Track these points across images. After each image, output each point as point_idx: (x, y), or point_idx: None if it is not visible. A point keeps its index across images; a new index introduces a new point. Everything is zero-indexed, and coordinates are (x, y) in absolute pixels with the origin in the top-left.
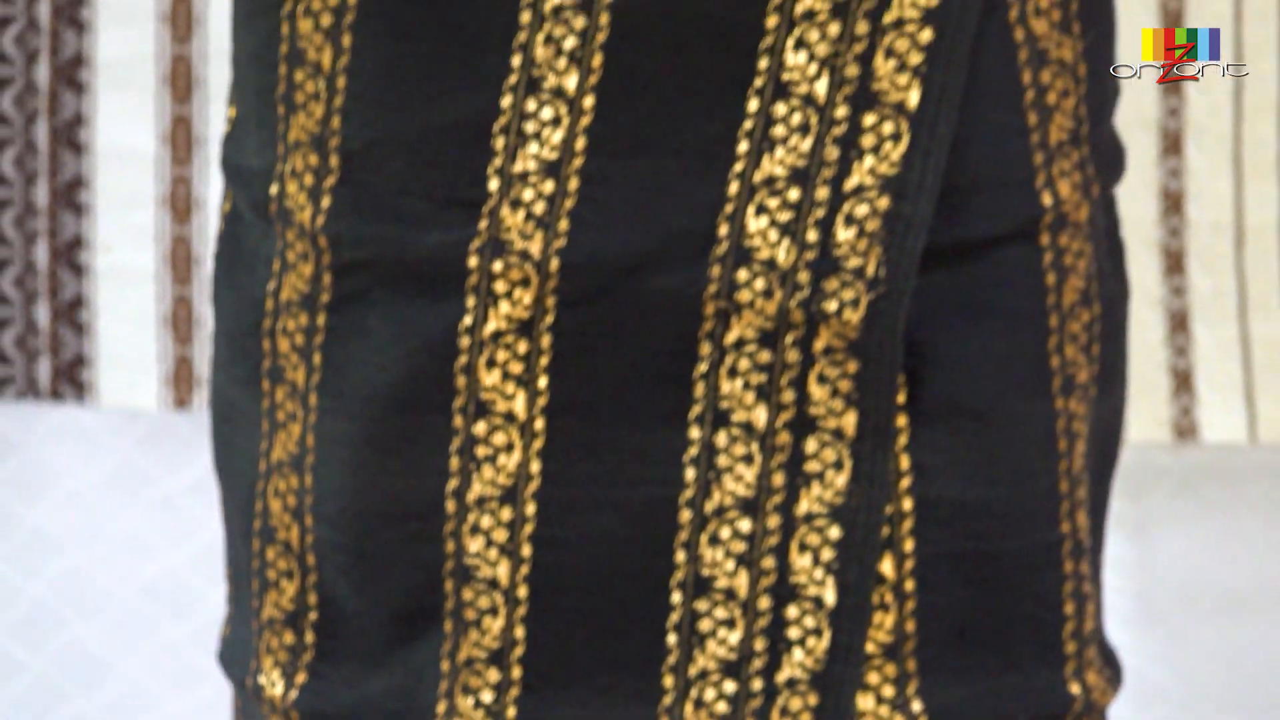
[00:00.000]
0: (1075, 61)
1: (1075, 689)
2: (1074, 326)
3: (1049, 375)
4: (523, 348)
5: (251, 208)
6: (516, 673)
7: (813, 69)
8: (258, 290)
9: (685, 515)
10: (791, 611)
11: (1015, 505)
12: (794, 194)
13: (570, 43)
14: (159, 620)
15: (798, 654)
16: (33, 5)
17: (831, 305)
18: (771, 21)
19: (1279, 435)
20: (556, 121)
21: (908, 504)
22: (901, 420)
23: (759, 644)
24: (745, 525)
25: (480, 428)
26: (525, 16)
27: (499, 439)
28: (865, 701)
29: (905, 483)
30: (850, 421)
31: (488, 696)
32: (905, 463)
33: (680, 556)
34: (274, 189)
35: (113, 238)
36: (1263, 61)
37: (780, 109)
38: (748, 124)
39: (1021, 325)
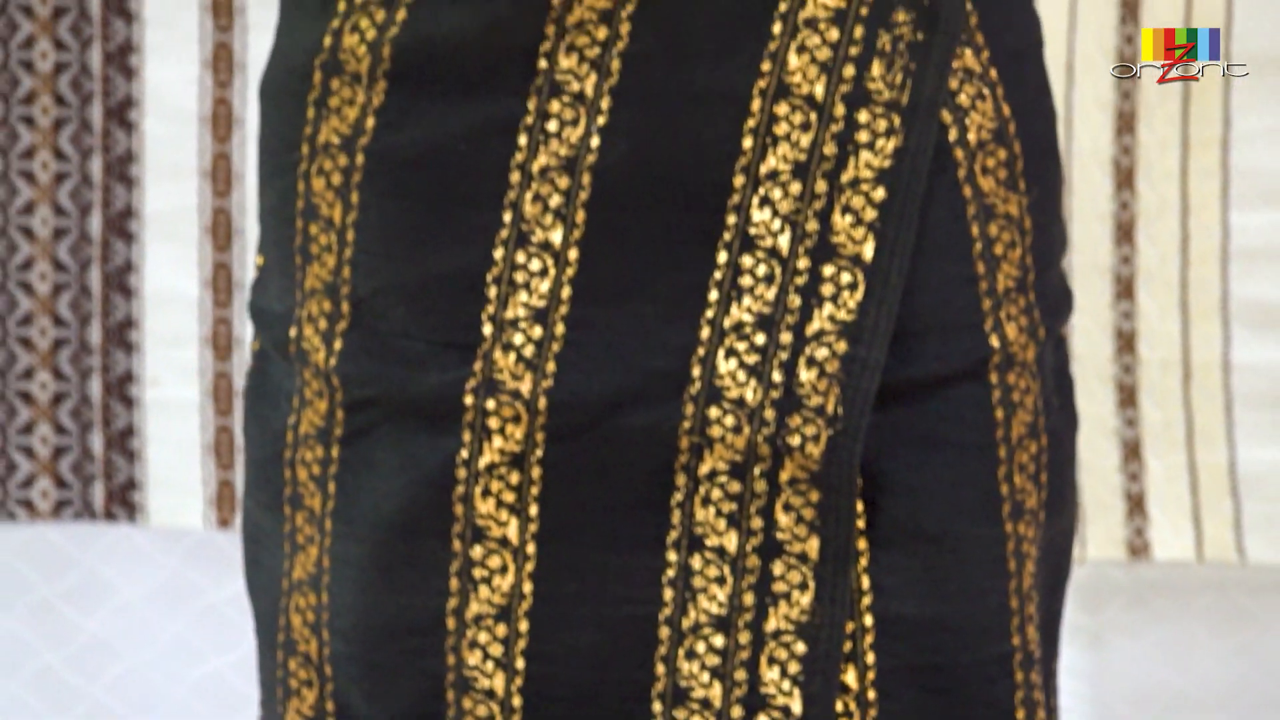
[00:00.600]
0: (1021, 215)
1: None
2: (1022, 457)
3: (999, 502)
4: (515, 478)
5: (274, 348)
6: None
7: (776, 224)
8: (279, 423)
9: (664, 631)
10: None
11: (969, 621)
12: (760, 338)
13: (556, 201)
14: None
15: None
16: (86, 161)
17: (795, 440)
18: (739, 181)
19: (1223, 553)
20: (544, 272)
21: (869, 620)
22: (862, 544)
23: None
24: (719, 641)
25: (477, 551)
26: (515, 177)
27: (494, 562)
28: None
29: (866, 601)
30: (814, 546)
31: None
32: (866, 582)
33: (660, 669)
34: (293, 331)
35: (160, 373)
36: (1206, 213)
37: (747, 261)
38: (717, 274)
39: (972, 456)
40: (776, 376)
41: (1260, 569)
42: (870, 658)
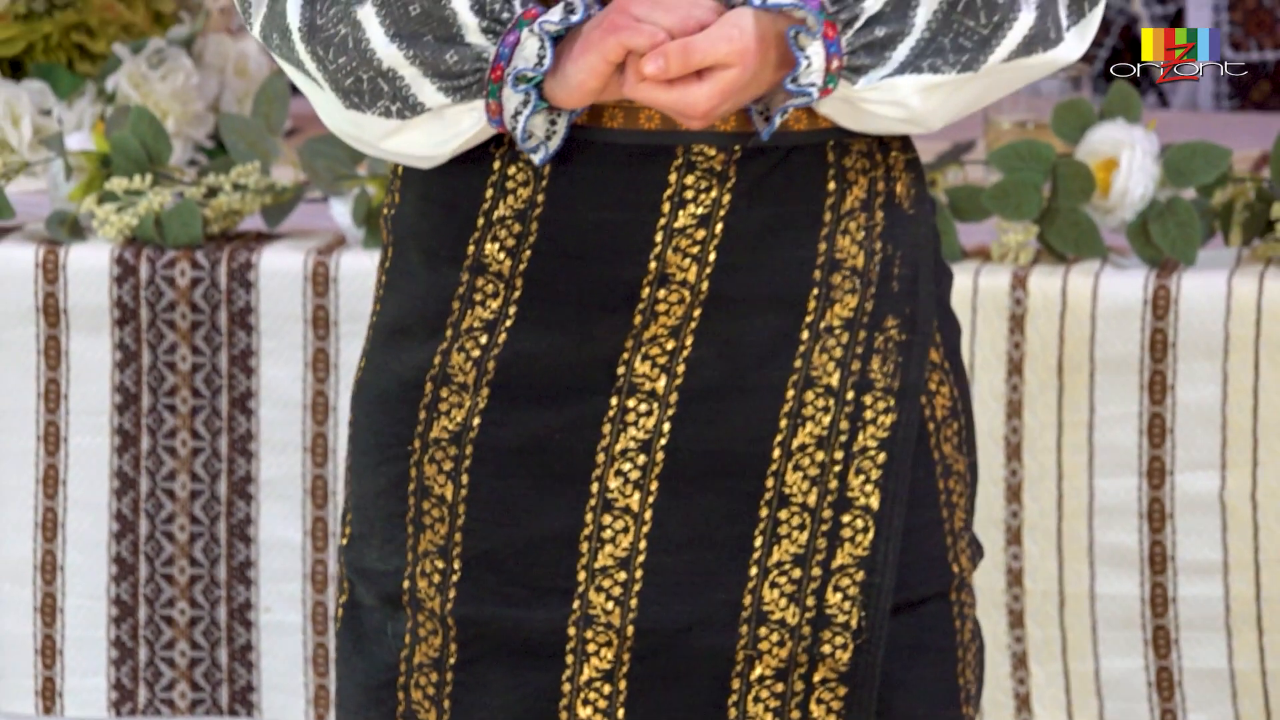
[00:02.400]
0: (966, 473)
1: None
2: (970, 656)
3: (958, 691)
4: (607, 689)
5: (380, 599)
6: None
7: (805, 485)
8: (390, 657)
9: None
10: None
11: None
12: (797, 573)
13: (634, 475)
14: None
15: None
16: (215, 439)
17: (826, 649)
18: (776, 454)
19: None
20: (626, 530)
21: None
22: None
23: None
24: None
25: None
26: (600, 457)
27: None
28: None
29: None
30: None
31: None
32: None
33: None
34: (406, 584)
35: (272, 603)
36: (1076, 479)
37: (784, 514)
38: (761, 525)
39: (944, 657)
40: (810, 601)
41: None
42: None
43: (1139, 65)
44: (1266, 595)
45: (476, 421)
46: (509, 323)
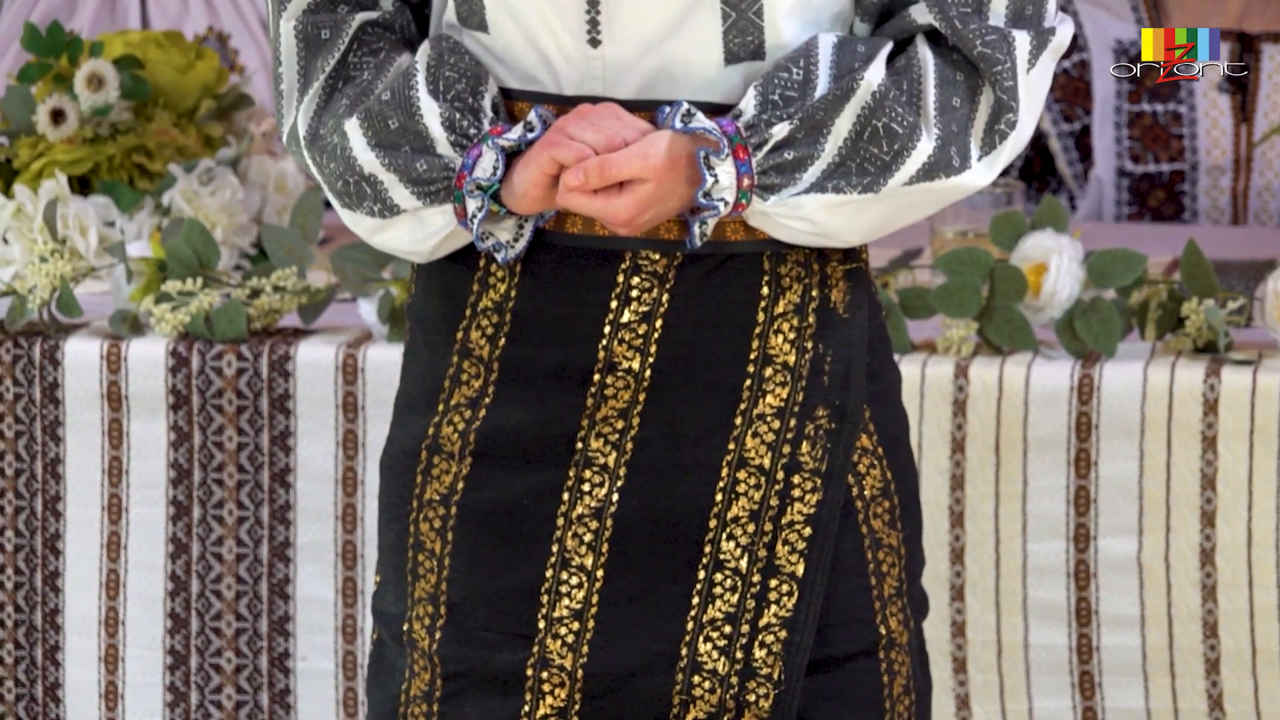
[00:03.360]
0: (898, 545)
1: None
2: (900, 708)
3: None
4: None
5: (391, 638)
6: None
7: (738, 552)
8: (395, 689)
9: None
10: None
11: None
12: (728, 629)
13: (588, 537)
14: None
15: None
16: (258, 510)
17: (751, 698)
18: (712, 524)
19: None
20: (580, 585)
21: None
22: None
23: None
24: None
25: None
26: (560, 521)
27: None
28: None
29: None
30: None
31: None
32: None
33: None
34: (405, 626)
35: (307, 652)
36: (1012, 543)
37: (718, 577)
38: (698, 586)
39: (869, 709)
40: (739, 655)
41: None
42: None
43: (1052, 176)
44: (1178, 645)
45: (460, 486)
46: (488, 400)
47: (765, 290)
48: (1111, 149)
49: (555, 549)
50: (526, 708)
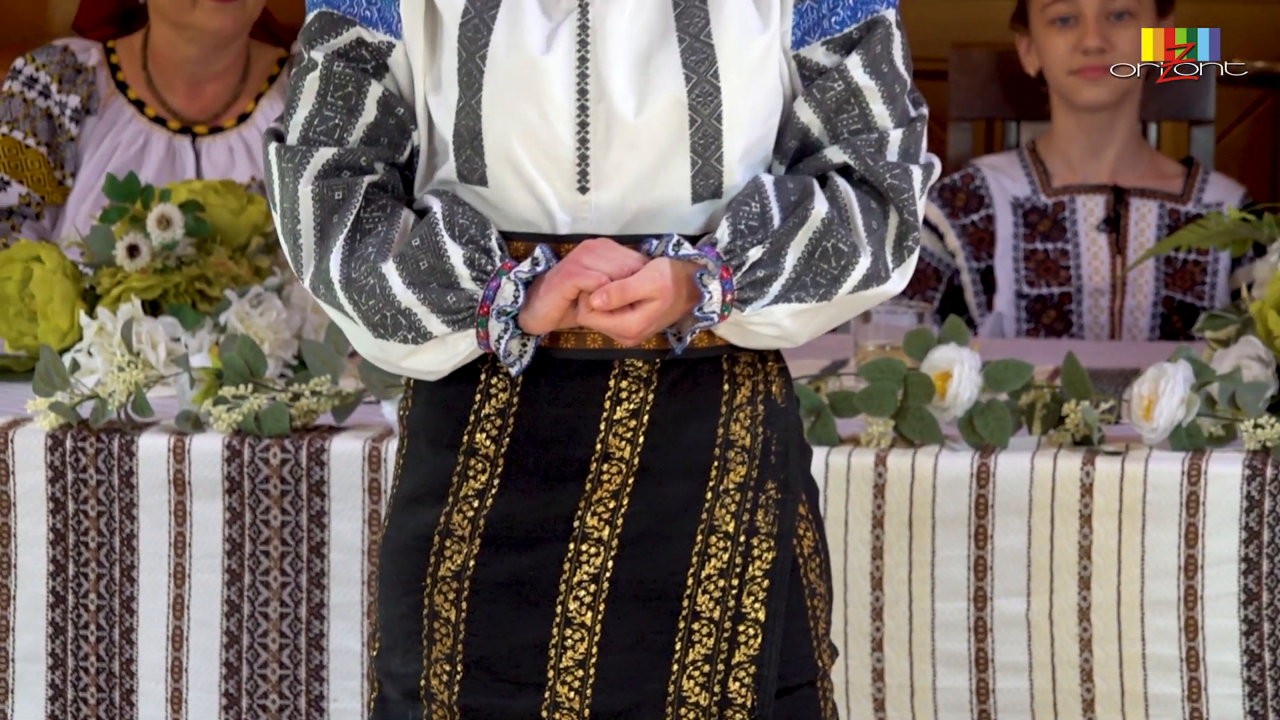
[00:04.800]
0: (826, 593)
1: None
2: None
3: None
4: None
5: (401, 693)
6: None
7: (711, 604)
8: None
9: None
10: None
11: None
12: (706, 668)
13: (587, 599)
14: None
15: None
16: (298, 576)
17: None
18: (690, 582)
19: None
20: (582, 639)
21: None
22: None
23: None
24: None
25: None
26: (563, 587)
27: None
28: None
29: None
30: None
31: None
32: None
33: None
34: (423, 682)
35: (338, 694)
36: (923, 602)
37: (696, 626)
38: (680, 634)
39: None
40: (717, 689)
41: None
42: None
43: (963, 312)
44: (1060, 688)
45: (472, 564)
46: (495, 490)
47: (726, 387)
48: (1011, 278)
49: (559, 610)
50: None
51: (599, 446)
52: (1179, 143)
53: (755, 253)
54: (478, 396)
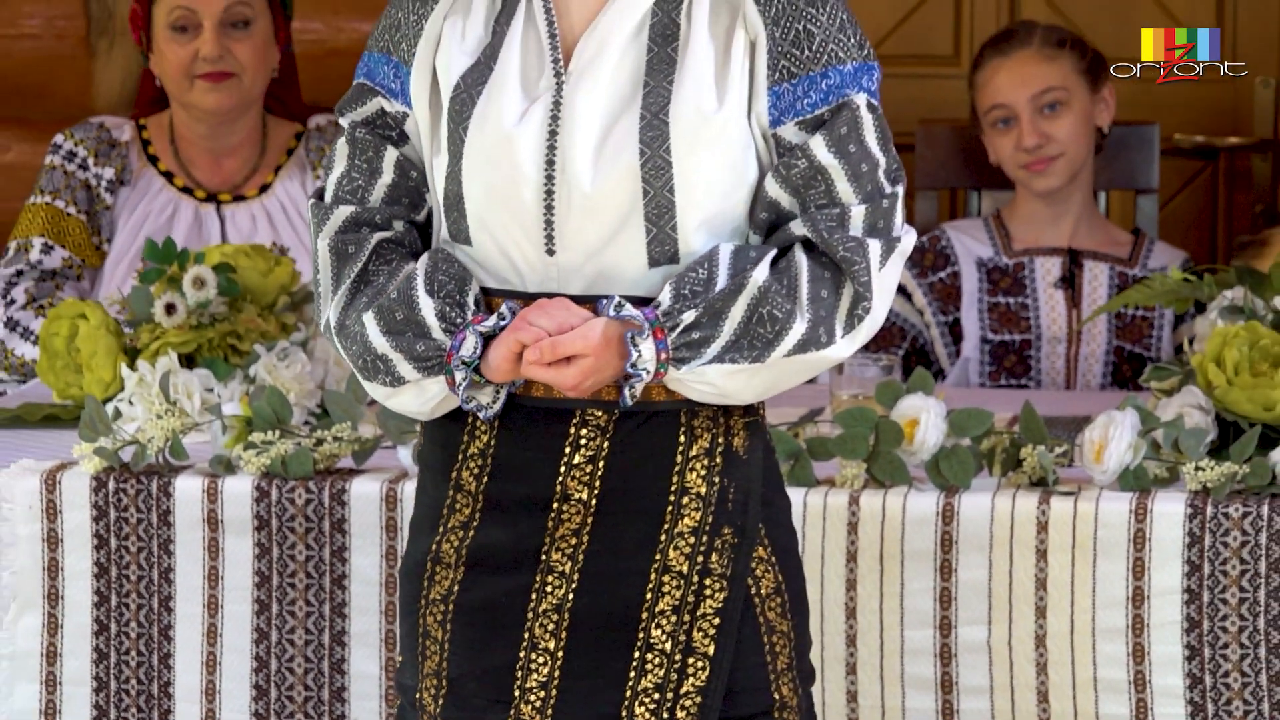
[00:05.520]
0: (789, 631)
1: None
2: None
3: None
4: None
5: (408, 704)
6: None
7: (664, 637)
8: None
9: None
10: None
11: None
12: (657, 695)
13: (551, 627)
14: None
15: None
16: (320, 605)
17: None
18: (644, 616)
19: None
20: (546, 664)
21: None
22: None
23: None
24: None
25: None
26: (529, 615)
27: None
28: None
29: None
30: None
31: None
32: None
33: None
34: (419, 695)
35: (359, 714)
36: (892, 631)
37: (649, 656)
38: (634, 663)
39: None
40: (665, 715)
41: None
42: None
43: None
44: (1018, 709)
45: (456, 588)
46: (476, 523)
47: (682, 439)
48: (976, 327)
49: (526, 636)
50: None
51: (559, 488)
52: (1126, 210)
53: (690, 316)
54: (465, 436)
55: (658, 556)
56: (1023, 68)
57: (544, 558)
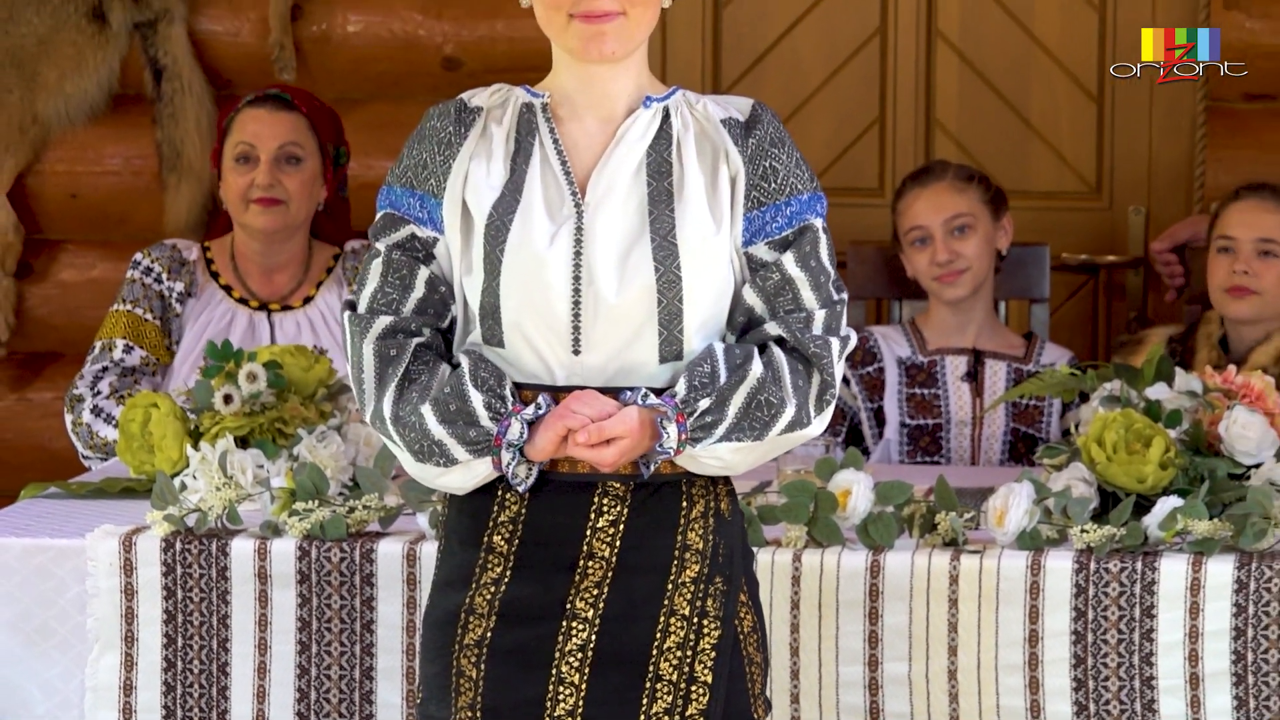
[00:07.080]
0: (761, 662)
1: None
2: None
3: None
4: None
5: None
6: None
7: (671, 670)
8: None
9: None
10: None
11: None
12: (667, 718)
13: (576, 664)
14: None
15: None
16: (353, 646)
17: None
18: (654, 653)
19: None
20: (571, 696)
21: None
22: None
23: None
24: None
25: None
26: (557, 655)
27: None
28: None
29: None
30: None
31: None
32: None
33: None
34: None
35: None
36: (829, 666)
37: (659, 686)
38: (645, 691)
39: None
40: None
41: None
42: None
43: (857, 442)
44: None
45: (489, 635)
46: (508, 579)
47: (684, 504)
48: (897, 414)
49: (554, 672)
50: None
51: (585, 547)
52: (1022, 316)
53: (704, 403)
54: (495, 507)
55: (665, 602)
56: (938, 196)
57: (569, 606)
